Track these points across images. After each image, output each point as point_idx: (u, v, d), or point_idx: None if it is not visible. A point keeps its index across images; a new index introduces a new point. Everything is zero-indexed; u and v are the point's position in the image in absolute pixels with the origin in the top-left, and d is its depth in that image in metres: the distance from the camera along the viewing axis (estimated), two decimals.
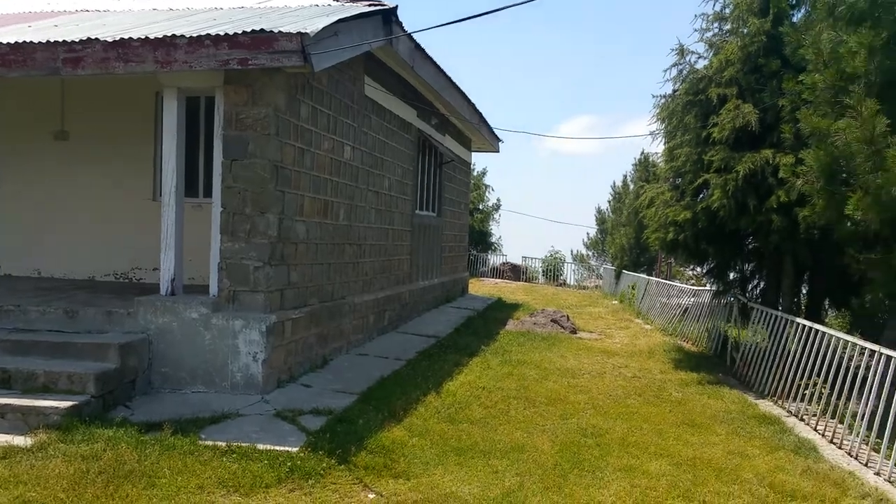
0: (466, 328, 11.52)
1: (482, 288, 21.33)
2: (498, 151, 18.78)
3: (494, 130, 17.14)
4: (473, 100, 14.00)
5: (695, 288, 14.46)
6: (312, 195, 7.75)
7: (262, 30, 6.16)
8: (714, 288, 11.57)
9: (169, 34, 6.29)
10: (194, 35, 6.22)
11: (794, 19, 9.47)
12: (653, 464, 5.55)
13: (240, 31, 6.17)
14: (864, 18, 7.57)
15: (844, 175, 7.51)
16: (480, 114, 15.02)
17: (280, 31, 6.12)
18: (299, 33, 6.08)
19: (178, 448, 4.90)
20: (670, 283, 17.31)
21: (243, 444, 5.05)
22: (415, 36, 9.42)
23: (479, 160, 35.09)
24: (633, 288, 19.28)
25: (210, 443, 5.06)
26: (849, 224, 7.55)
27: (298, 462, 4.79)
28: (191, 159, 8.07)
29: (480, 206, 31.50)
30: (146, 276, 9.23)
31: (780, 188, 8.38)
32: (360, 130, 9.22)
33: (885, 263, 7.53)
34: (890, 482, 5.64)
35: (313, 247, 7.82)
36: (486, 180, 32.51)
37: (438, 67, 11.15)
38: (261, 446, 5.05)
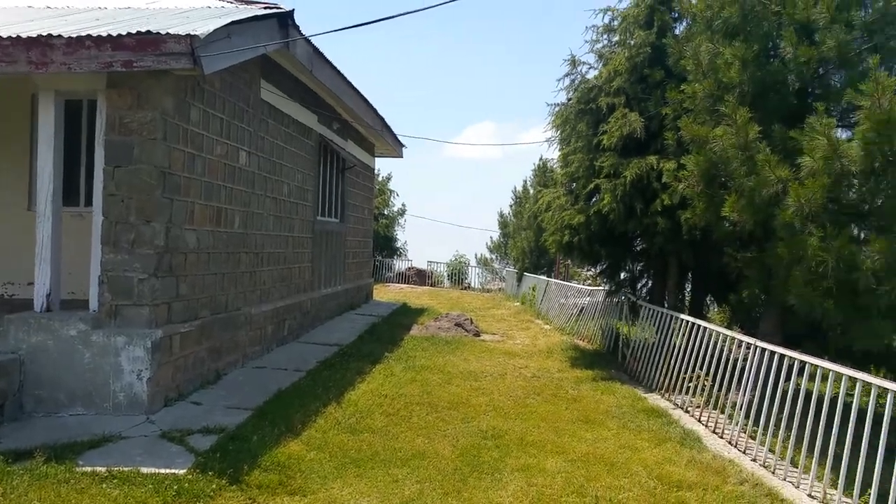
0: (370, 335, 11.42)
1: (388, 293, 21.25)
2: (402, 157, 18.78)
3: (398, 136, 17.14)
4: (379, 105, 14.02)
5: (590, 288, 15.01)
6: (204, 202, 7.44)
7: (148, 31, 5.87)
8: (607, 288, 12.07)
9: (45, 34, 5.88)
10: (74, 35, 5.85)
11: (677, 32, 10.00)
12: (549, 461, 5.69)
13: (125, 33, 5.85)
14: (738, 32, 8.13)
15: (723, 179, 8.03)
16: (383, 119, 14.97)
17: (168, 33, 5.85)
18: (189, 35, 5.84)
19: (52, 477, 4.55)
20: (568, 284, 17.89)
21: (125, 469, 4.75)
22: (315, 40, 9.30)
23: (383, 165, 35.02)
24: (533, 290, 19.78)
25: (89, 469, 4.73)
26: (726, 225, 8.09)
27: (186, 485, 4.56)
28: (72, 166, 7.58)
29: (385, 212, 31.40)
30: (20, 292, 8.54)
31: (664, 192, 8.85)
32: (257, 135, 8.95)
33: (758, 262, 8.10)
34: (765, 467, 6.05)
35: (205, 256, 7.51)
36: (391, 185, 32.42)
37: (339, 72, 11.02)
38: (145, 470, 4.77)
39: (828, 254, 6.89)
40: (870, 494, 4.93)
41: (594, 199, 10.18)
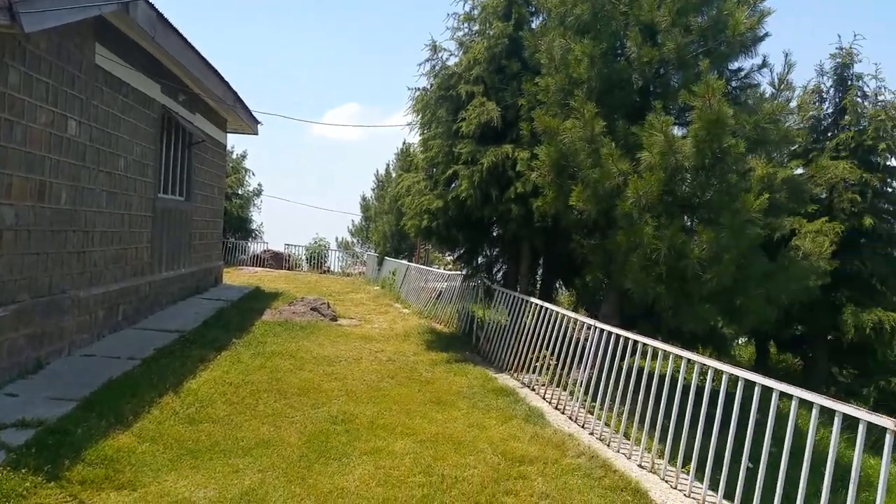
0: (217, 321, 10.84)
1: (240, 277, 20.34)
2: (256, 133, 17.95)
3: (253, 112, 16.36)
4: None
5: (449, 272, 15.26)
6: (24, 175, 6.64)
7: None
8: (464, 272, 12.31)
9: None
10: None
11: (534, 25, 10.31)
12: (399, 444, 5.69)
13: None
14: (589, 30, 8.51)
15: (573, 169, 8.39)
16: (235, 93, 14.18)
17: None
18: None
19: None
20: (428, 268, 18.07)
21: None
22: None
23: (237, 142, 33.38)
24: (394, 274, 19.80)
25: None
26: (573, 213, 8.48)
27: None
28: None
29: (240, 191, 29.97)
30: None
31: (518, 180, 9.13)
32: (90, 103, 8.12)
33: (601, 248, 8.59)
34: (601, 440, 6.43)
35: (25, 234, 6.72)
36: (247, 164, 30.94)
37: (186, 41, 10.25)
38: None
39: (661, 242, 7.44)
40: (692, 460, 5.38)
41: (453, 185, 10.29)
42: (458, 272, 13.46)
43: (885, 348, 13.99)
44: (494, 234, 11.22)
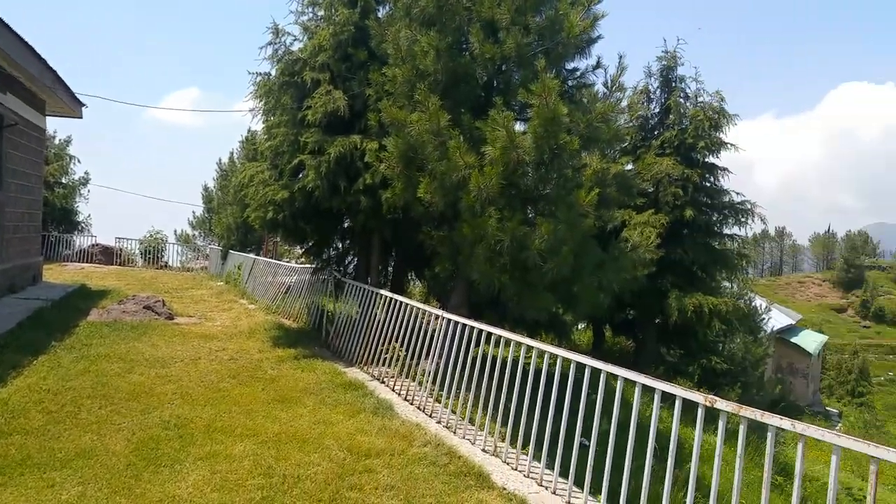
0: (34, 322, 9.75)
1: (64, 274, 18.51)
2: (80, 117, 16.35)
3: (77, 95, 14.88)
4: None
5: (299, 266, 14.84)
6: None
7: None
8: (314, 265, 12.02)
9: None
10: None
11: (380, 14, 10.20)
12: (238, 446, 5.42)
13: None
14: (434, 22, 8.57)
15: (421, 161, 8.43)
16: (55, 72, 12.80)
17: None
18: None
19: None
20: (277, 262, 17.48)
21: None
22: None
23: (62, 127, 30.34)
24: (239, 268, 18.94)
25: None
26: (422, 205, 8.53)
27: None
28: None
29: (63, 180, 27.21)
30: None
31: (366, 171, 9.03)
32: None
33: (449, 240, 8.72)
34: (448, 428, 6.54)
35: None
36: (72, 150, 28.11)
37: None
38: None
39: (504, 234, 7.68)
40: (531, 442, 5.61)
41: (300, 175, 9.98)
42: (308, 265, 13.13)
43: (705, 329, 15.56)
44: (345, 226, 11.06)
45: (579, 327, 17.64)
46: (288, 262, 18.76)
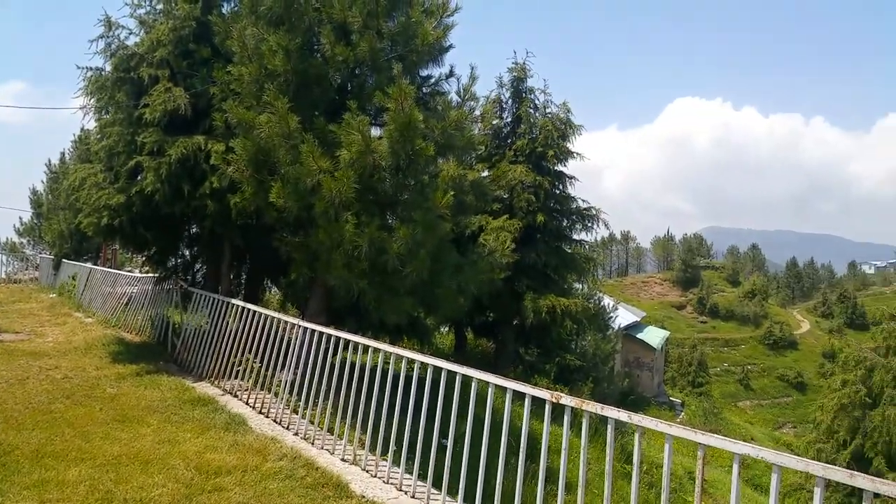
0: None
1: None
2: None
3: None
4: None
5: (141, 275, 13.82)
6: None
7: None
8: (157, 274, 11.23)
9: None
10: None
11: (225, 10, 9.68)
12: (72, 471, 4.94)
13: None
14: (282, 21, 8.29)
15: (273, 164, 8.11)
16: None
17: None
18: None
19: None
20: (117, 271, 16.17)
21: None
22: None
23: None
24: (74, 279, 17.36)
25: None
26: (275, 210, 8.22)
27: None
28: None
29: None
30: None
31: (213, 174, 8.55)
32: None
33: (305, 246, 8.47)
34: (306, 440, 6.33)
35: None
36: None
37: None
38: None
39: (362, 239, 7.58)
40: (389, 448, 5.55)
41: (138, 178, 9.26)
42: (153, 275, 12.25)
43: (559, 329, 16.33)
44: (192, 232, 10.43)
45: (442, 331, 17.90)
46: (130, 271, 17.45)
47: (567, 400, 4.43)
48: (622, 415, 4.10)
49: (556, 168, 16.46)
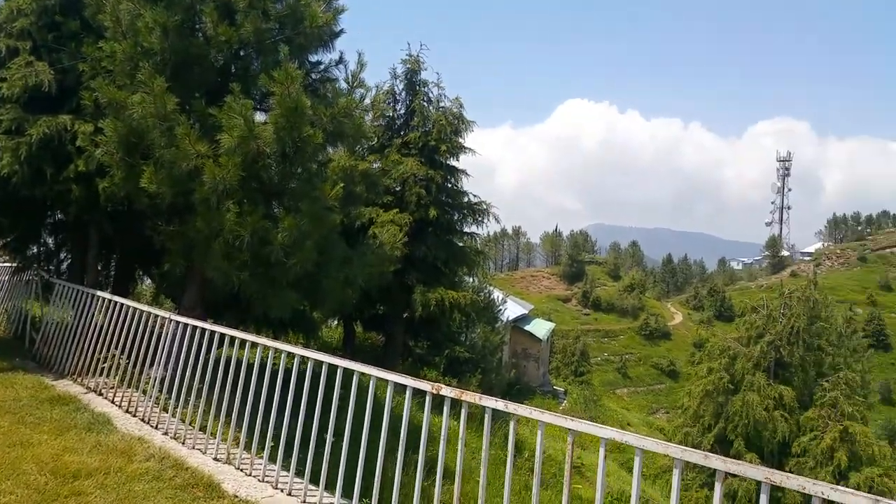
0: None
1: None
2: None
3: None
4: None
5: None
6: None
7: None
8: (15, 264, 10.31)
9: None
10: None
11: None
12: None
13: None
14: None
15: (147, 148, 7.62)
16: None
17: None
18: None
19: None
20: None
21: None
22: None
23: None
24: None
25: None
26: (148, 197, 7.74)
27: None
28: None
29: None
30: None
31: (80, 157, 7.95)
32: None
33: (180, 235, 8.03)
34: (175, 439, 6.02)
35: None
36: None
37: None
38: None
39: (244, 229, 7.29)
40: (266, 445, 5.36)
41: None
42: (10, 264, 11.23)
43: (448, 321, 16.49)
44: (55, 218, 9.65)
45: (331, 324, 17.63)
46: None
47: (447, 391, 4.46)
48: (499, 404, 4.18)
49: (448, 162, 16.57)
